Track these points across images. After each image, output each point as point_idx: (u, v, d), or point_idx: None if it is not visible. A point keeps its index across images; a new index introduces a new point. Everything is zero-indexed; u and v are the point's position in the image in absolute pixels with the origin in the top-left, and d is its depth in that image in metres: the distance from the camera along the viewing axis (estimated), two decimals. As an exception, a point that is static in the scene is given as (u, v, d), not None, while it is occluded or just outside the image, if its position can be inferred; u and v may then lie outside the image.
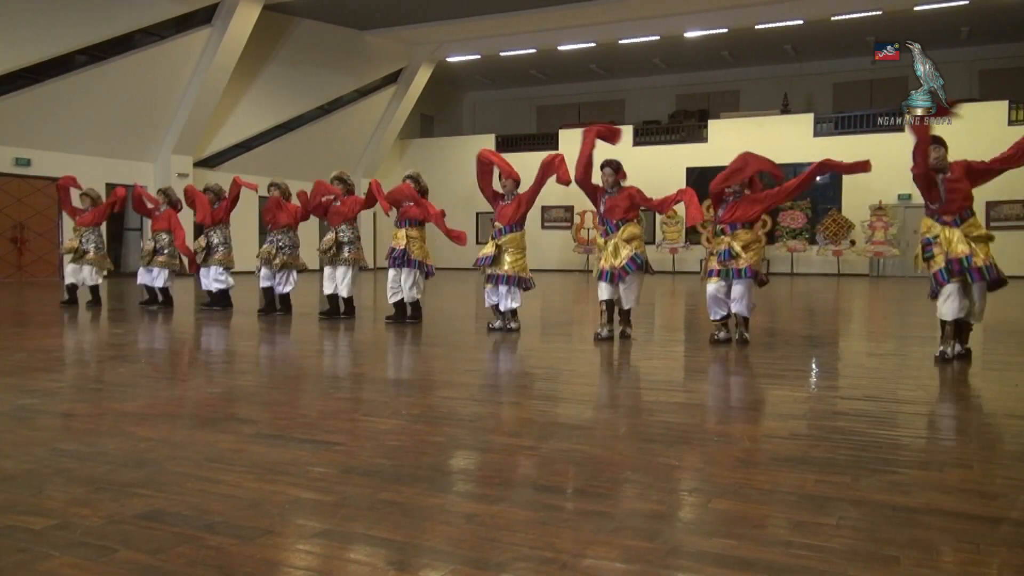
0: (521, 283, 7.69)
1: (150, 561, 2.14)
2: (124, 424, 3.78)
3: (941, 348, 5.96)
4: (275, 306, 9.61)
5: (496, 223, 7.81)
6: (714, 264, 6.86)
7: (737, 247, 6.70)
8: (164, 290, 10.57)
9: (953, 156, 5.91)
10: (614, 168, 7.21)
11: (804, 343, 7.25)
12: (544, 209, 25.53)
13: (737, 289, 6.77)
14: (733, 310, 6.83)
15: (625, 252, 7.04)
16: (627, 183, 7.27)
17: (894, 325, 6.26)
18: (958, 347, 5.96)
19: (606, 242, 7.18)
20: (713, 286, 6.82)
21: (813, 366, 5.98)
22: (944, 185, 5.87)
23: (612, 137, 7.18)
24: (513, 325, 7.78)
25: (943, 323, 5.96)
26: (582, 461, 3.24)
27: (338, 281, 9.00)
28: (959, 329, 5.97)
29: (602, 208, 7.24)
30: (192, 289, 10.42)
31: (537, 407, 4.41)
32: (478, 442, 3.57)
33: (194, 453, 3.27)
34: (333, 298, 9.07)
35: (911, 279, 18.93)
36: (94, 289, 10.78)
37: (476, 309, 9.94)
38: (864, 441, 3.52)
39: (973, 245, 5.78)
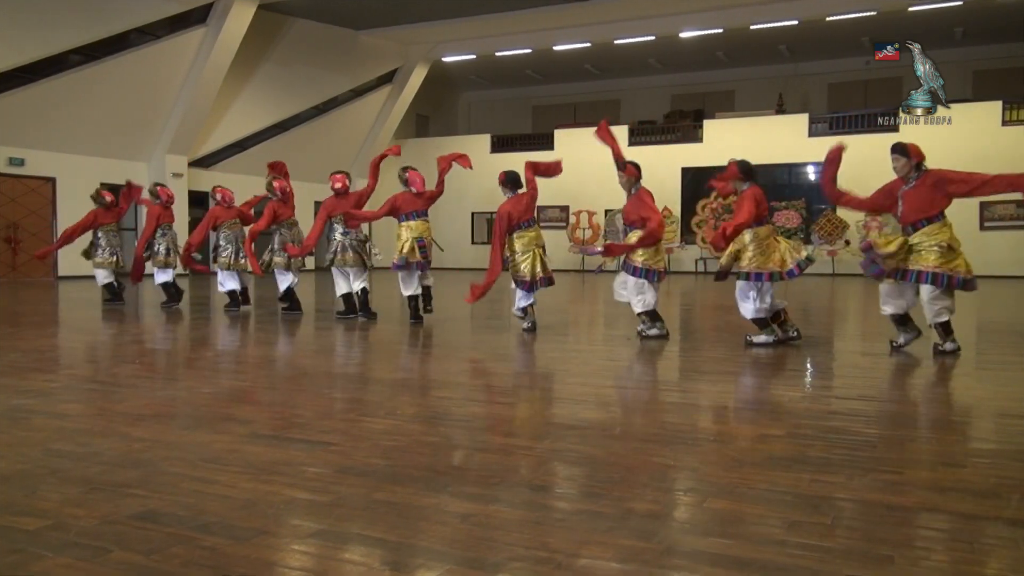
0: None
1: (144, 562, 2.13)
2: (118, 424, 3.77)
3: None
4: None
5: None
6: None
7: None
8: (111, 286, 10.86)
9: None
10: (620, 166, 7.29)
11: (799, 343, 7.25)
12: (540, 209, 25.52)
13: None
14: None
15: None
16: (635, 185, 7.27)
17: (888, 325, 6.28)
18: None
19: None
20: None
21: (808, 366, 5.99)
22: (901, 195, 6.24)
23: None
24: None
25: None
26: (577, 461, 3.24)
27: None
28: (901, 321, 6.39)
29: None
30: (198, 288, 10.40)
31: (533, 407, 4.40)
32: (473, 442, 3.57)
33: (189, 453, 3.26)
34: (348, 297, 9.07)
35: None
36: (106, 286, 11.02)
37: (472, 309, 9.94)
38: (859, 441, 3.52)
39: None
